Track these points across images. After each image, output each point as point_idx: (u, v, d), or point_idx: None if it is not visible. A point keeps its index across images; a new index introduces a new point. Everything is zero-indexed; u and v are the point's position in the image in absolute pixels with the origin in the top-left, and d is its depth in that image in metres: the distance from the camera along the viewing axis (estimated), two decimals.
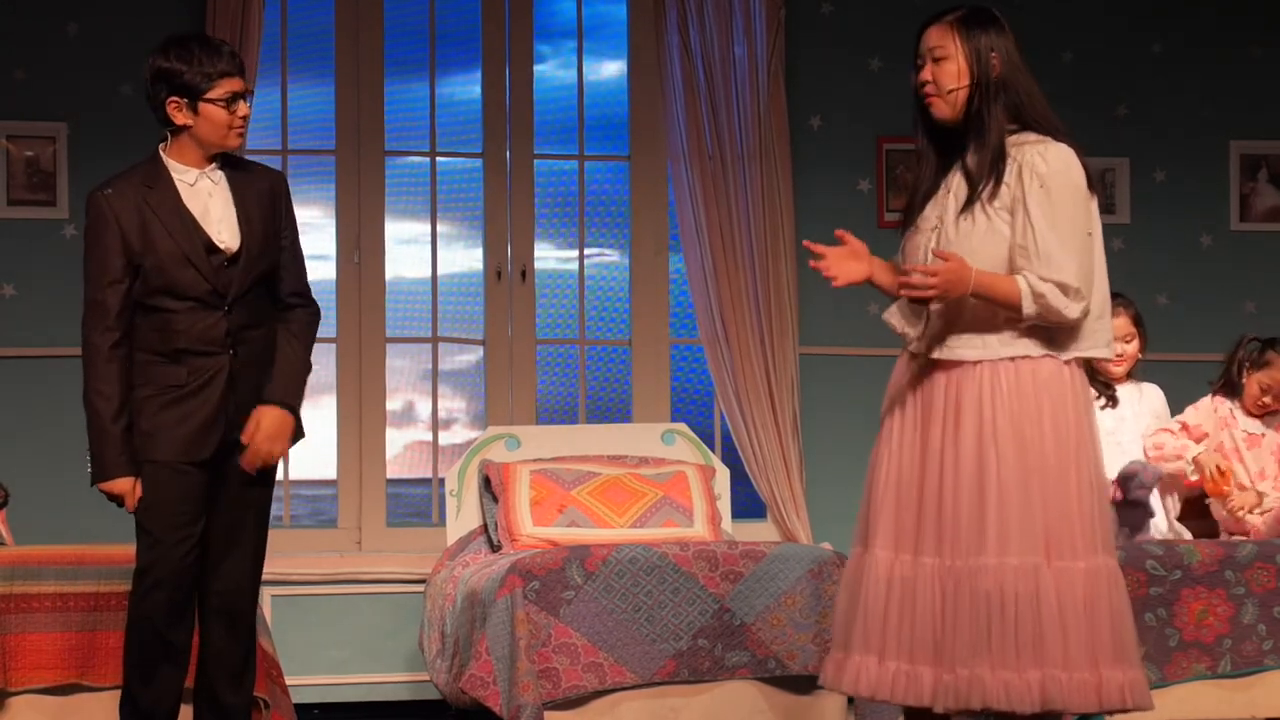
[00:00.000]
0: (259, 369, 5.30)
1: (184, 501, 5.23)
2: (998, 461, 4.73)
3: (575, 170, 8.19)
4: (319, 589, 7.64)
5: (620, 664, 6.17)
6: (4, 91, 7.56)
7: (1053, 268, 4.70)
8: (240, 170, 5.36)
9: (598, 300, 8.25)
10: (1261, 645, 6.12)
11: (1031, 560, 4.68)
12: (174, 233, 5.19)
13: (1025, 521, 4.70)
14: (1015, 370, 4.78)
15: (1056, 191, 4.74)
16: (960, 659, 4.69)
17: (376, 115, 7.95)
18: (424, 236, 8.10)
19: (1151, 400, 6.77)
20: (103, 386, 5.19)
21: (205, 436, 5.24)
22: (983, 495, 4.72)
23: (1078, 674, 4.68)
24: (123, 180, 5.28)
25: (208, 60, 5.19)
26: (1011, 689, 4.66)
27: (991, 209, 4.78)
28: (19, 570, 5.88)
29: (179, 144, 5.26)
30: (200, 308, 5.21)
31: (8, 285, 7.55)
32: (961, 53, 4.84)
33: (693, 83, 7.89)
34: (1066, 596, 4.69)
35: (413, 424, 8.31)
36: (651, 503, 7.05)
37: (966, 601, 4.70)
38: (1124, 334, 6.73)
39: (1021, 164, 4.77)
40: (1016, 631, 4.66)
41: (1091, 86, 8.34)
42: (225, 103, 5.20)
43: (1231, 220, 8.44)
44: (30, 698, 5.87)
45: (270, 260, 5.31)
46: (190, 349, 5.22)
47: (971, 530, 4.72)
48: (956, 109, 4.85)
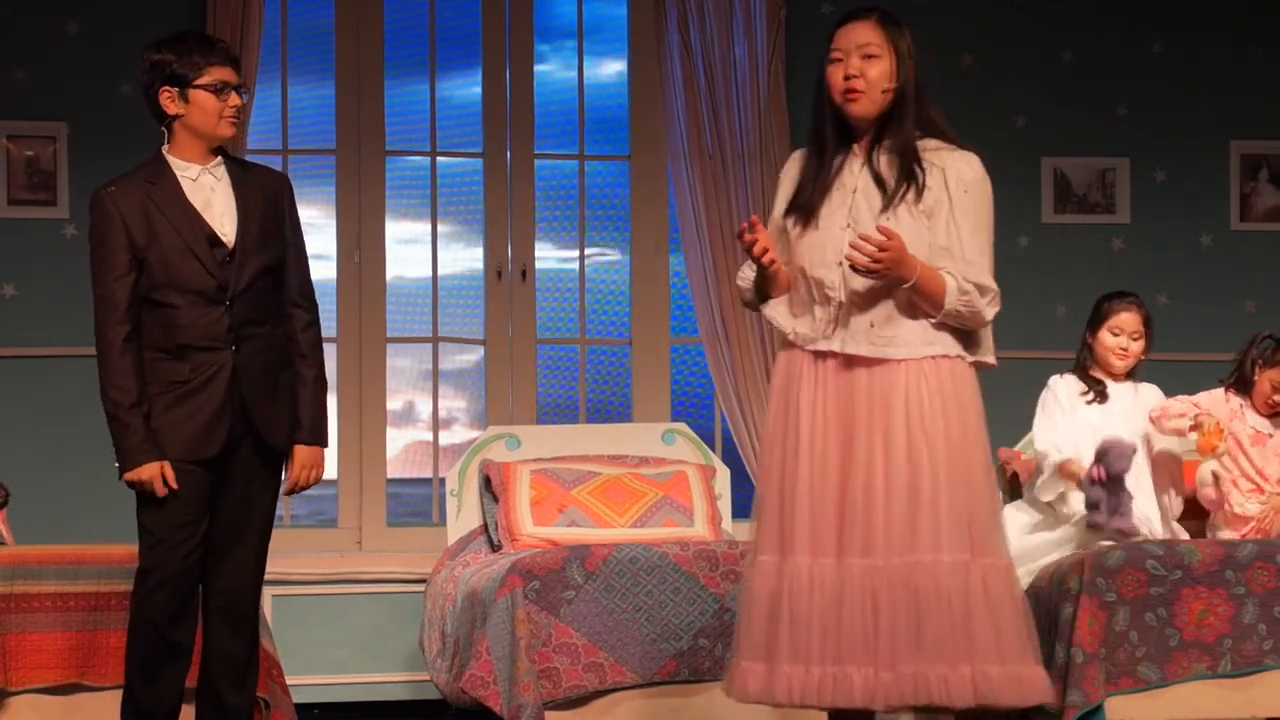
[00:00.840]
0: (264, 366, 5.31)
1: (188, 501, 5.23)
2: (929, 459, 4.73)
3: (576, 170, 8.19)
4: (319, 589, 7.64)
5: (621, 664, 6.17)
6: (4, 91, 7.56)
7: (974, 271, 4.78)
8: (245, 170, 5.41)
9: (598, 300, 8.25)
10: (1262, 645, 6.12)
11: (961, 557, 4.70)
12: (177, 225, 5.23)
13: (954, 519, 4.71)
14: (937, 368, 4.80)
15: (978, 199, 4.83)
16: (900, 657, 4.68)
17: (377, 115, 7.95)
18: (424, 236, 8.11)
19: (1146, 400, 6.75)
20: (119, 379, 5.21)
21: (211, 434, 5.24)
22: (916, 493, 4.71)
23: (1010, 668, 4.70)
24: (126, 178, 5.32)
25: (199, 51, 5.25)
26: (950, 684, 4.67)
27: (915, 210, 4.80)
28: (19, 570, 5.88)
29: (178, 139, 5.30)
30: (203, 302, 5.23)
31: (8, 285, 7.55)
32: (891, 54, 4.85)
33: (693, 82, 7.89)
34: (994, 592, 4.71)
35: (413, 424, 8.31)
36: (652, 502, 7.04)
37: (901, 599, 4.69)
38: (1132, 330, 6.72)
39: (946, 169, 4.82)
40: (951, 627, 4.67)
41: (1092, 86, 8.34)
42: (215, 90, 5.23)
43: (1232, 220, 8.44)
44: (31, 697, 5.87)
45: (271, 256, 5.32)
46: (193, 344, 5.23)
47: (904, 528, 4.71)
48: (880, 108, 4.85)
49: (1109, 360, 6.71)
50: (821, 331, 4.85)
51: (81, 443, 7.45)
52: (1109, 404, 6.69)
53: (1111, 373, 6.73)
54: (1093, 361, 6.74)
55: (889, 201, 4.81)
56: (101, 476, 7.33)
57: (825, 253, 4.85)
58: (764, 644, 4.82)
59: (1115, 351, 6.70)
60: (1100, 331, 6.72)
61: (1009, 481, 7.06)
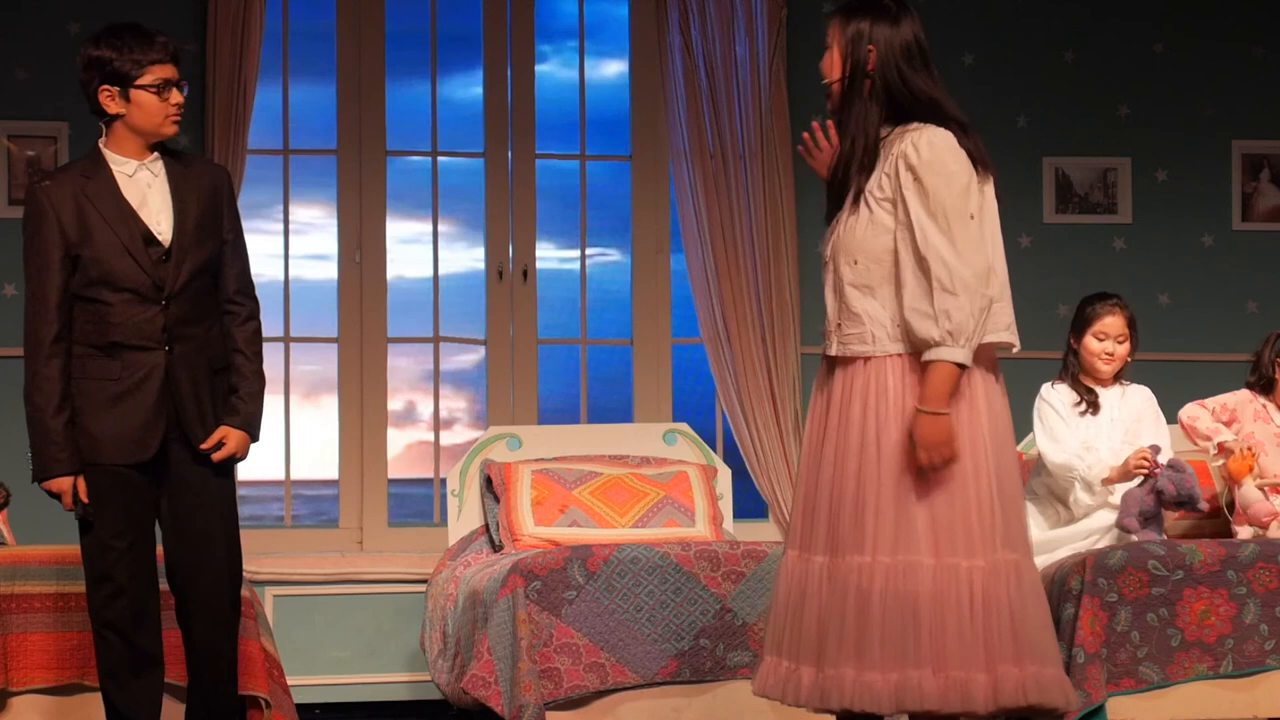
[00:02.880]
0: (199, 368, 5.21)
1: (130, 504, 5.16)
2: (878, 459, 4.65)
3: (577, 169, 8.19)
4: (320, 589, 7.64)
5: (622, 664, 6.17)
6: (5, 91, 7.56)
7: (934, 258, 4.62)
8: (181, 163, 5.29)
9: (599, 300, 8.24)
10: (1263, 645, 6.12)
11: (907, 558, 4.61)
12: (111, 223, 5.14)
13: (903, 519, 4.62)
14: (904, 364, 4.71)
15: (929, 179, 4.66)
16: (829, 658, 4.65)
17: (378, 115, 7.95)
18: (425, 236, 8.10)
19: (1135, 401, 6.72)
20: (43, 382, 5.12)
21: (145, 438, 5.15)
22: (864, 493, 4.65)
23: (954, 673, 4.59)
24: (62, 173, 5.26)
25: (138, 48, 5.16)
26: (873, 689, 4.59)
27: (873, 201, 4.73)
28: (20, 570, 5.88)
29: (116, 135, 5.21)
30: (137, 300, 5.13)
31: (9, 285, 7.54)
32: (838, 43, 4.82)
33: (694, 82, 7.89)
34: (950, 594, 4.60)
35: (414, 424, 8.31)
36: (653, 503, 7.04)
37: (839, 599, 4.65)
38: (1117, 334, 6.70)
39: (897, 154, 4.71)
40: (883, 630, 4.59)
41: (1094, 86, 8.34)
42: (157, 89, 5.15)
43: (1233, 220, 8.44)
44: (31, 698, 5.86)
45: (206, 255, 5.22)
46: (125, 343, 5.13)
47: (853, 528, 4.66)
48: (835, 101, 4.84)
49: (1095, 366, 6.68)
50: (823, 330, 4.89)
51: None
52: (1100, 415, 6.67)
53: (1099, 378, 6.71)
54: (1080, 368, 6.72)
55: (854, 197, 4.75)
56: None
57: (825, 249, 4.87)
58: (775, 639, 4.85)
59: (1101, 357, 6.68)
60: (1085, 337, 6.69)
61: None
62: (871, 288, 4.74)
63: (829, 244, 4.85)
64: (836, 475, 4.71)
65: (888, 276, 4.72)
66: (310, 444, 8.04)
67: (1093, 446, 6.59)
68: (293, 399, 7.96)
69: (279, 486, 7.97)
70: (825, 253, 4.87)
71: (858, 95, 4.78)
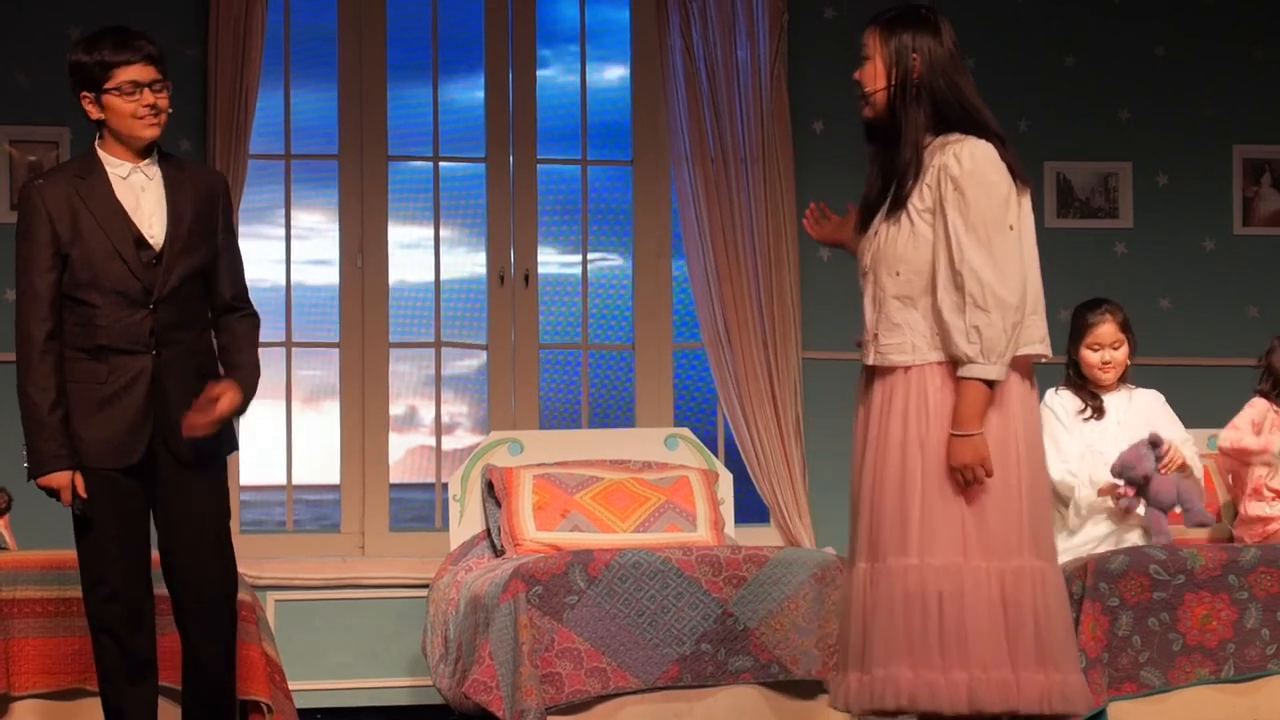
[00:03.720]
0: (187, 373, 5.18)
1: (120, 508, 5.14)
2: (921, 463, 4.72)
3: (578, 174, 8.19)
4: (322, 594, 7.64)
5: (623, 669, 6.17)
6: (7, 96, 7.56)
7: (970, 270, 4.69)
8: (178, 168, 5.26)
9: (600, 304, 8.24)
10: (1265, 650, 6.12)
11: (954, 560, 4.68)
12: (103, 224, 5.11)
13: (949, 524, 4.69)
14: (943, 372, 4.77)
15: (970, 191, 4.72)
16: (877, 659, 4.68)
17: (379, 120, 7.95)
18: (427, 241, 8.11)
19: (1142, 405, 6.73)
20: (38, 378, 5.09)
21: (132, 441, 5.12)
22: (907, 498, 4.71)
23: (995, 673, 4.66)
24: (56, 172, 5.24)
25: (109, 51, 5.13)
26: (937, 689, 4.64)
27: (914, 212, 4.78)
28: (21, 575, 5.88)
29: (107, 138, 5.19)
30: (125, 303, 5.11)
31: (9, 290, 7.54)
32: (880, 54, 4.83)
33: (695, 86, 7.89)
34: (995, 596, 4.67)
35: (416, 429, 8.31)
36: (654, 507, 7.04)
37: (886, 601, 4.69)
38: (1111, 341, 6.70)
39: (939, 166, 4.76)
40: (941, 631, 4.65)
41: (1094, 90, 8.34)
42: (123, 92, 5.11)
43: (1234, 224, 8.44)
44: (33, 702, 5.87)
45: (198, 260, 5.19)
46: (112, 346, 5.11)
47: (897, 532, 4.71)
48: (878, 111, 4.86)
49: (1095, 375, 6.70)
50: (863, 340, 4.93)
51: None
52: (1106, 420, 6.68)
53: (1101, 385, 6.72)
54: (1080, 376, 6.73)
55: (892, 206, 4.79)
56: None
57: (863, 259, 4.91)
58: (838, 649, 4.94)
59: (1099, 367, 6.69)
60: (1081, 349, 6.71)
61: None
62: (913, 298, 4.79)
63: (868, 255, 4.87)
64: (878, 482, 4.78)
65: (928, 287, 4.78)
66: (312, 449, 8.04)
67: (1097, 452, 6.59)
68: (294, 404, 7.96)
69: (280, 491, 7.97)
70: (864, 263, 4.90)
71: (903, 105, 4.81)
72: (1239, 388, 8.26)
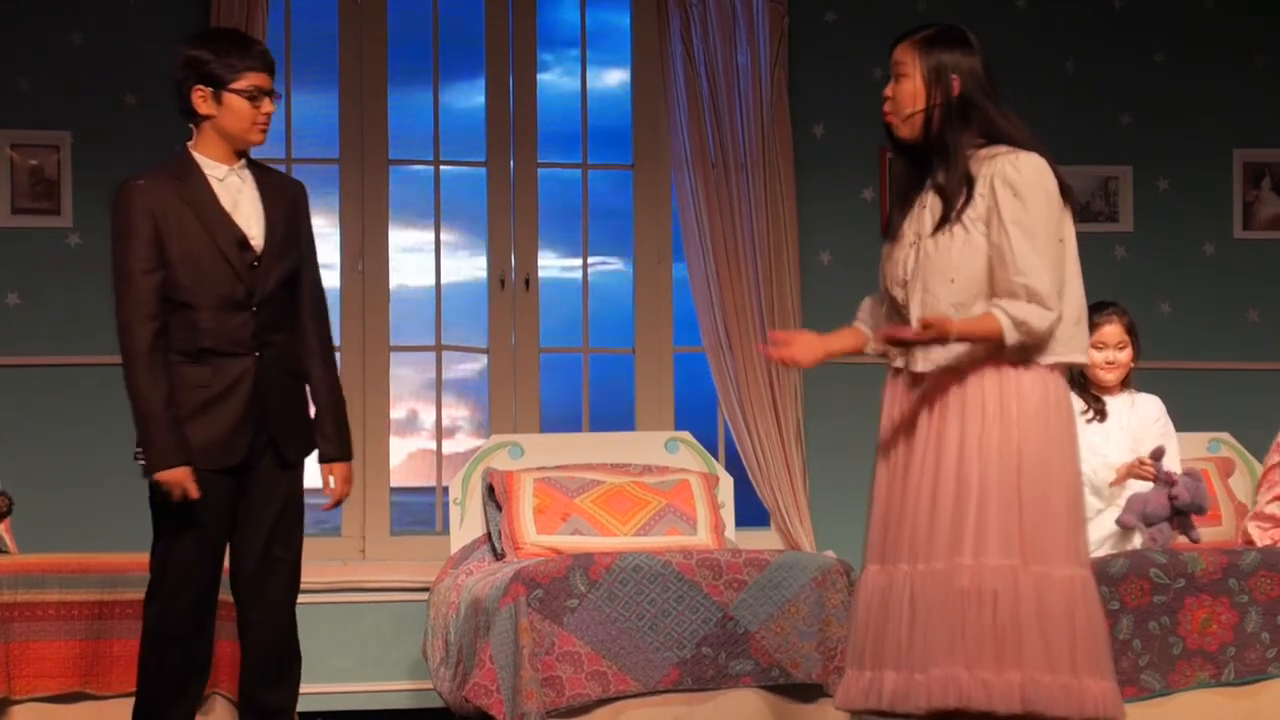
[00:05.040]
0: (283, 374, 5.24)
1: (209, 511, 5.15)
2: (979, 466, 4.73)
3: (579, 178, 8.20)
4: (323, 597, 7.64)
5: (624, 672, 6.17)
6: (9, 100, 7.57)
7: (1029, 274, 4.73)
8: (265, 174, 5.33)
9: (601, 308, 8.25)
10: (1265, 653, 6.12)
11: (1009, 562, 4.69)
12: (209, 226, 5.13)
13: (1004, 526, 4.70)
14: (998, 377, 4.79)
15: (1029, 198, 4.76)
16: (935, 658, 4.69)
17: (380, 124, 7.96)
18: (427, 245, 8.11)
19: (1144, 411, 6.74)
20: (151, 375, 5.07)
21: (234, 441, 5.16)
22: (962, 499, 4.72)
23: (1060, 678, 4.67)
24: (153, 173, 5.22)
25: (235, 53, 5.16)
26: (992, 689, 4.65)
27: (968, 221, 4.79)
28: (23, 579, 5.89)
29: (205, 138, 5.21)
30: (227, 307, 5.14)
31: (12, 294, 7.55)
32: (919, 73, 4.85)
33: (696, 91, 7.89)
34: (1046, 601, 4.69)
35: (416, 432, 8.31)
36: (655, 511, 7.04)
37: (940, 601, 4.70)
38: (1116, 341, 6.71)
39: (994, 174, 4.79)
40: (995, 630, 4.66)
41: (1094, 95, 8.34)
42: (249, 96, 5.16)
43: (1234, 228, 8.45)
44: (34, 706, 5.87)
45: (291, 263, 5.25)
46: (215, 349, 5.14)
47: (950, 533, 4.72)
48: (915, 130, 4.88)
49: (1098, 376, 6.71)
50: (898, 350, 4.91)
51: (85, 451, 7.46)
52: (1108, 422, 6.69)
53: (1103, 386, 6.73)
54: (1084, 377, 6.74)
55: (944, 219, 4.81)
56: (105, 485, 7.34)
57: (897, 270, 4.91)
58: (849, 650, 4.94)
59: (1102, 366, 6.70)
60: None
61: None
62: (967, 305, 4.81)
63: (905, 265, 4.87)
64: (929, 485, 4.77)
65: (981, 293, 4.80)
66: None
67: (1100, 452, 6.60)
68: None
69: None
70: (900, 274, 4.88)
71: (948, 124, 4.83)
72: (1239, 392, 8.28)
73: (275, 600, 5.27)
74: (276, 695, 5.30)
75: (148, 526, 5.29)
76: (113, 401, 6.55)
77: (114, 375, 5.32)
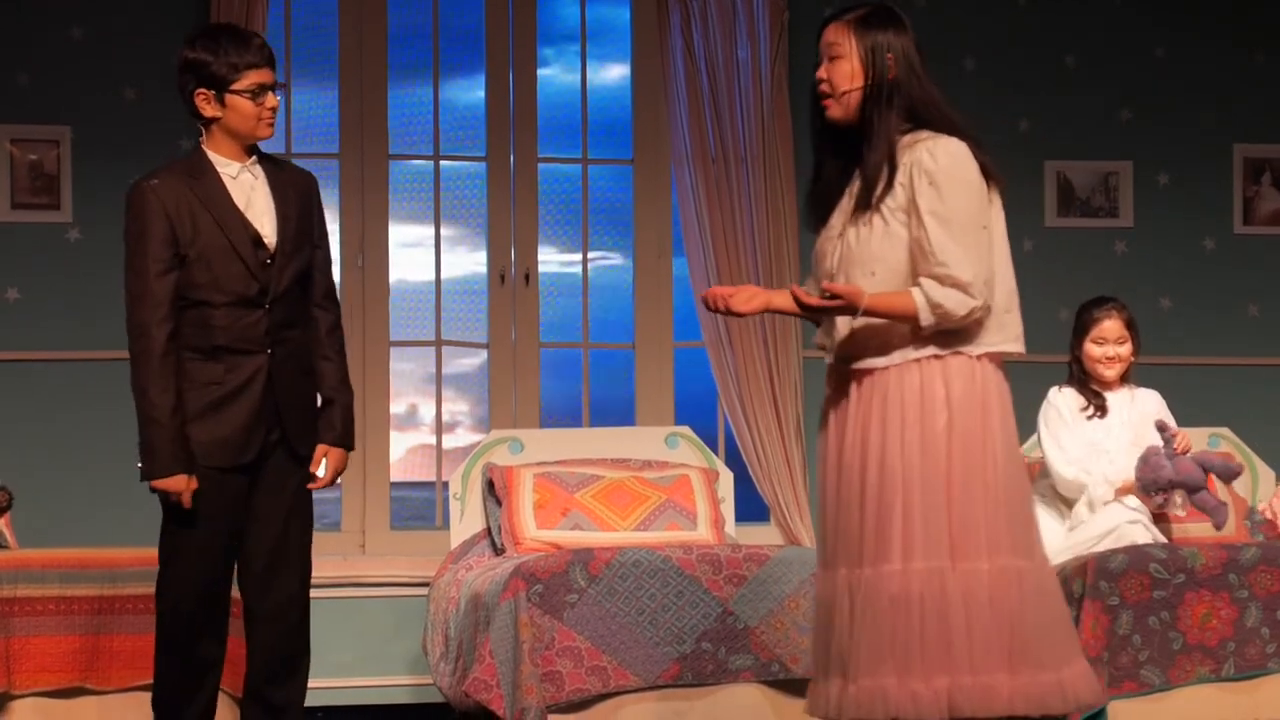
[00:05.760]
0: (296, 371, 5.23)
1: (221, 509, 5.14)
2: (903, 466, 4.63)
3: (579, 173, 8.20)
4: (322, 592, 7.62)
5: (624, 667, 6.17)
6: (8, 95, 7.56)
7: (951, 265, 4.62)
8: (277, 167, 5.32)
9: (601, 303, 8.25)
10: (1265, 648, 6.12)
11: (937, 564, 4.60)
12: (223, 224, 5.12)
13: (931, 527, 4.61)
14: (920, 371, 4.69)
15: (945, 187, 4.65)
16: (864, 668, 4.62)
17: (380, 118, 7.96)
18: (427, 240, 8.11)
19: (1145, 406, 6.74)
20: (162, 382, 5.06)
21: (247, 439, 5.15)
22: (887, 502, 4.63)
23: (983, 677, 4.58)
24: (166, 172, 5.21)
25: (234, 51, 5.13)
26: (920, 699, 4.57)
27: (887, 211, 4.69)
28: (22, 573, 5.89)
29: (215, 137, 5.20)
30: (242, 304, 5.13)
31: (12, 289, 7.55)
32: (856, 53, 4.74)
33: (696, 86, 7.89)
34: (974, 599, 4.59)
35: (416, 427, 8.31)
36: (655, 506, 7.04)
37: (871, 609, 4.61)
38: (1116, 336, 6.71)
39: (913, 162, 4.68)
40: (923, 637, 4.58)
41: (1095, 90, 8.34)
42: (252, 94, 5.15)
43: (1235, 224, 8.44)
44: (34, 700, 5.87)
45: (305, 259, 5.25)
46: (229, 346, 5.13)
47: (876, 538, 4.64)
48: (849, 111, 4.76)
49: (1098, 371, 6.71)
50: (829, 342, 4.86)
51: (84, 446, 7.46)
52: (1108, 418, 6.69)
53: (1104, 381, 6.73)
54: (1085, 373, 6.74)
55: (864, 206, 4.72)
56: (105, 480, 7.34)
57: (826, 261, 4.83)
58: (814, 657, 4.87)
59: (1102, 361, 6.70)
60: (1085, 343, 6.72)
61: None
62: None
63: (831, 257, 4.80)
64: (856, 486, 4.70)
65: (904, 285, 4.70)
66: None
67: (1101, 450, 6.60)
68: None
69: None
70: (826, 266, 4.81)
71: (877, 105, 4.74)
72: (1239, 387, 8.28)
73: (288, 595, 5.24)
74: (286, 691, 5.29)
75: (148, 521, 5.28)
76: (113, 396, 6.56)
77: (114, 370, 5.33)
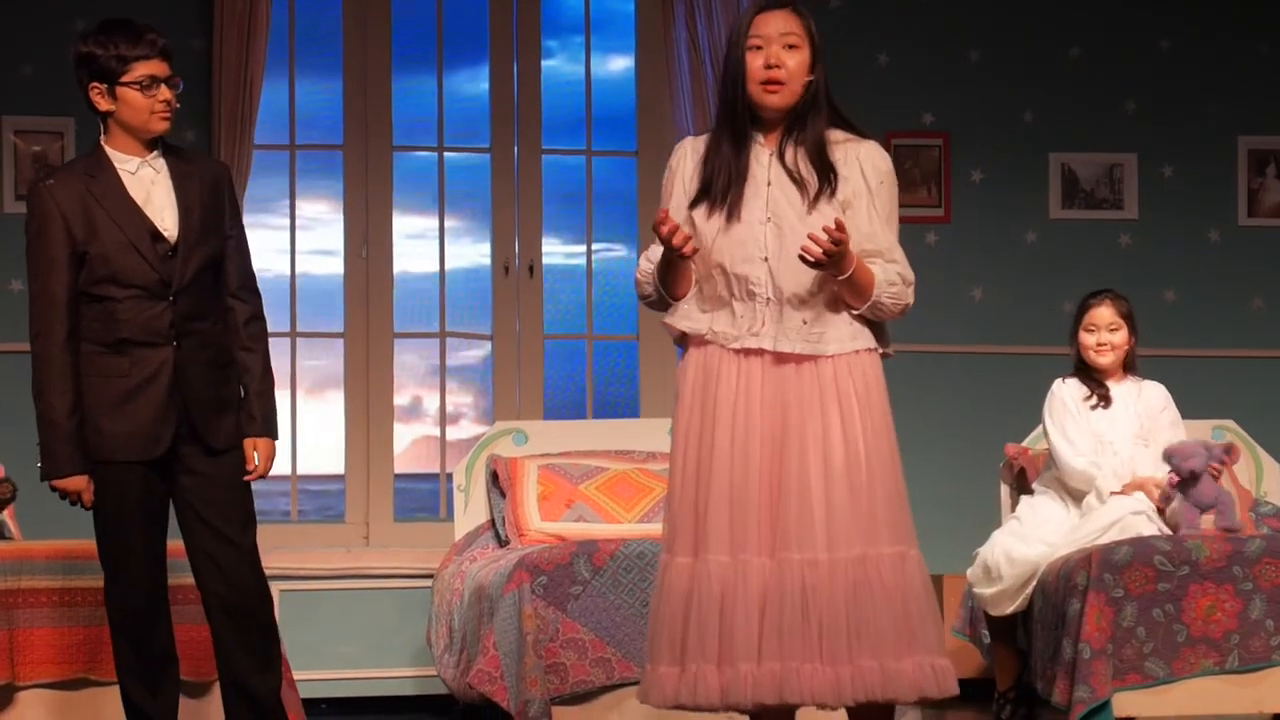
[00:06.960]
0: (206, 363, 5.20)
1: (141, 502, 5.15)
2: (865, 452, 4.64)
3: (583, 165, 8.19)
4: (327, 584, 7.64)
5: (628, 659, 6.17)
6: (12, 87, 7.57)
7: (899, 263, 4.72)
8: (183, 160, 5.27)
9: (605, 295, 8.25)
10: (1269, 641, 6.12)
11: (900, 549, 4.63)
12: (118, 219, 5.11)
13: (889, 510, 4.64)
14: (861, 362, 4.72)
15: (890, 189, 4.77)
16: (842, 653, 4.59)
17: (384, 110, 7.95)
18: (431, 231, 8.11)
19: (1150, 399, 6.73)
20: (58, 382, 5.09)
21: (157, 433, 5.14)
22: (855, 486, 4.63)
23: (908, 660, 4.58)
24: (65, 171, 5.23)
25: (125, 44, 5.12)
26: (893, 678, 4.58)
27: (834, 204, 4.71)
28: (26, 565, 5.89)
29: (113, 132, 5.18)
30: (145, 297, 5.11)
31: (16, 281, 7.55)
32: (808, 45, 4.77)
33: (700, 77, 7.89)
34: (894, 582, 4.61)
35: (420, 419, 8.31)
36: (659, 498, 7.04)
37: (797, 597, 4.59)
38: (1107, 324, 6.70)
39: (861, 161, 4.74)
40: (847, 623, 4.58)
41: (1099, 82, 8.34)
42: (142, 86, 5.11)
43: (1239, 216, 8.44)
44: (38, 692, 5.87)
45: (211, 250, 5.20)
46: (133, 339, 5.11)
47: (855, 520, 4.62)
48: (790, 100, 4.75)
49: (1092, 358, 6.70)
50: (746, 329, 4.73)
51: None
52: (1113, 409, 6.68)
53: (1102, 370, 6.72)
54: (1084, 363, 6.74)
55: (814, 197, 4.72)
56: None
57: (747, 248, 4.75)
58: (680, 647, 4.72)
59: (1094, 349, 6.69)
60: (1079, 333, 6.73)
61: (1016, 477, 7.06)
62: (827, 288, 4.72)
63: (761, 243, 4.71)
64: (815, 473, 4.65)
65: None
66: (316, 439, 8.05)
67: (1105, 441, 6.59)
68: (299, 394, 7.97)
69: (285, 482, 7.98)
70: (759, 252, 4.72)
71: (815, 100, 4.78)
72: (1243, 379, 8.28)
73: (239, 581, 5.21)
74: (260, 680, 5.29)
75: None
76: None
77: None
